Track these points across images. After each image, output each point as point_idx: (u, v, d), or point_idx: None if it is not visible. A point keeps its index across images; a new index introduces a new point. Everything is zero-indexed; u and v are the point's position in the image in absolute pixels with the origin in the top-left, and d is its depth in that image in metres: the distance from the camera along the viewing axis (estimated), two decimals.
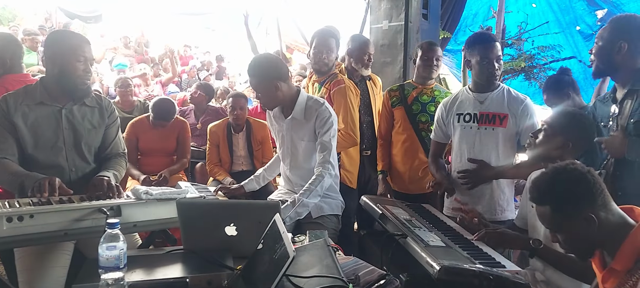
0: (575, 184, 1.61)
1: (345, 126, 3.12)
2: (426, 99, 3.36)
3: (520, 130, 2.70)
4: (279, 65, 2.66)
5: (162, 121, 4.17)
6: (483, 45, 2.72)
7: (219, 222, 1.77)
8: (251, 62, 2.65)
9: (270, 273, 1.24)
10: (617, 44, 2.35)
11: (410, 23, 4.55)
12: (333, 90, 3.16)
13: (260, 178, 3.01)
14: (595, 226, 1.56)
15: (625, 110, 2.36)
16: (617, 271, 1.54)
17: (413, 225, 2.42)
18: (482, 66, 2.71)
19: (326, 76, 3.30)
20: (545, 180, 1.68)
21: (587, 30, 4.97)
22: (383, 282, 1.36)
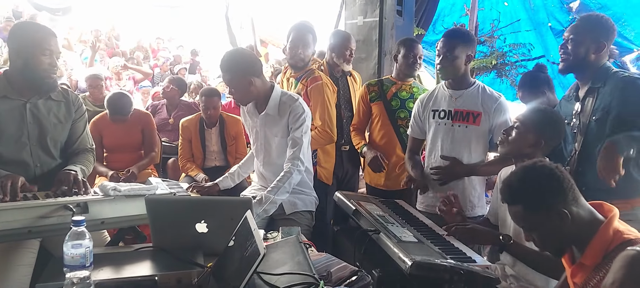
0: (546, 181, 1.63)
1: (322, 123, 3.10)
2: (405, 95, 3.37)
3: (493, 127, 2.72)
4: (252, 60, 2.63)
5: (119, 116, 4.07)
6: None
7: (190, 219, 1.74)
8: (224, 58, 2.61)
9: (240, 271, 1.22)
10: (585, 44, 2.41)
11: (384, 19, 4.57)
12: (310, 87, 3.13)
13: (235, 175, 2.98)
14: (569, 221, 1.59)
15: (586, 107, 2.43)
16: (586, 266, 1.57)
17: (386, 221, 2.43)
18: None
19: (303, 72, 3.27)
20: (516, 179, 1.70)
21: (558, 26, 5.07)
22: (355, 278, 1.36)
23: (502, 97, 2.76)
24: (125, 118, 4.10)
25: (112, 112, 4.07)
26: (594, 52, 2.41)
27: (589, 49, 2.41)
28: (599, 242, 1.56)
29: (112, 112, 4.07)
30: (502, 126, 2.65)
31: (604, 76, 2.40)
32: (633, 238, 1.53)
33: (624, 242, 1.51)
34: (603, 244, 1.55)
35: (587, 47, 2.41)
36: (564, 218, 1.59)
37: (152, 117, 4.44)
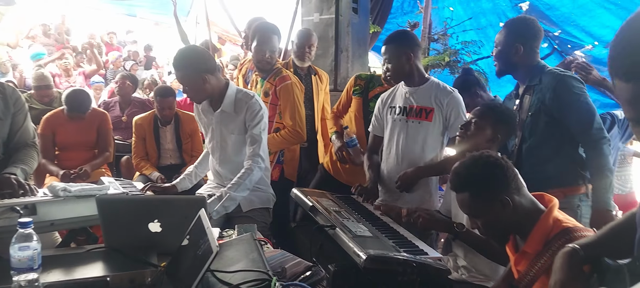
0: (491, 169, 1.72)
1: (293, 123, 3.11)
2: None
3: (447, 123, 2.78)
4: (206, 57, 2.61)
5: (77, 113, 3.97)
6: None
7: (142, 219, 1.71)
8: (177, 55, 2.58)
9: (194, 269, 1.22)
10: (514, 46, 2.57)
11: (340, 16, 4.61)
12: (279, 87, 3.14)
13: (192, 176, 2.93)
14: (510, 209, 1.67)
15: (524, 104, 2.57)
16: (528, 254, 1.65)
17: (342, 216, 2.46)
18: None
19: (270, 70, 3.28)
20: (463, 168, 1.78)
21: None
22: (309, 273, 1.38)
23: (455, 91, 2.82)
24: (83, 116, 3.99)
25: (71, 109, 3.96)
26: (522, 55, 2.56)
27: (517, 53, 2.56)
28: (539, 230, 1.64)
29: (71, 109, 3.96)
30: (455, 120, 2.72)
31: (539, 73, 2.54)
32: (571, 226, 1.63)
33: (562, 230, 1.61)
34: (543, 233, 1.64)
35: (515, 51, 2.56)
36: (506, 206, 1.67)
37: (108, 116, 4.35)
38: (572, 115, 2.43)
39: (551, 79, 2.48)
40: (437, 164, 2.79)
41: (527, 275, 1.65)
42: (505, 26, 2.74)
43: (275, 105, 3.23)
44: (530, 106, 2.54)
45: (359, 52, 4.92)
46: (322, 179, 3.48)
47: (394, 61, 2.78)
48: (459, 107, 2.77)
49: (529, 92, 2.57)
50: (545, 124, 2.49)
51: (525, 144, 2.57)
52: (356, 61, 4.84)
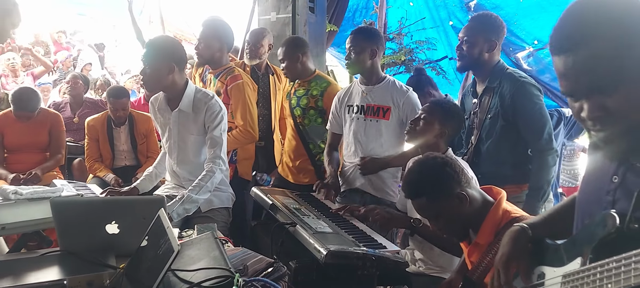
0: (441, 169, 1.78)
1: (244, 123, 3.07)
2: (301, 93, 3.34)
3: (404, 120, 2.84)
4: (182, 50, 2.58)
5: (25, 112, 3.82)
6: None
7: (99, 220, 1.68)
8: (156, 37, 2.56)
9: (154, 269, 1.21)
10: (483, 42, 2.58)
11: (297, 16, 4.63)
12: (230, 86, 3.09)
13: (152, 176, 2.86)
14: (467, 202, 1.73)
15: (483, 105, 2.62)
16: (480, 245, 1.72)
17: (302, 213, 2.48)
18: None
19: (222, 69, 3.22)
20: (414, 175, 1.84)
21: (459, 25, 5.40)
22: (271, 269, 1.39)
23: (410, 90, 2.90)
24: (32, 115, 3.85)
25: (17, 108, 3.80)
26: (487, 51, 2.59)
27: (482, 49, 2.58)
28: (490, 222, 1.72)
29: (17, 108, 3.81)
30: (412, 117, 2.80)
31: (499, 75, 2.58)
32: (519, 216, 1.72)
33: (511, 220, 1.69)
34: (494, 224, 1.71)
35: (480, 47, 2.58)
36: (463, 200, 1.74)
37: (61, 118, 4.20)
38: (525, 122, 2.50)
39: (511, 84, 2.52)
40: (393, 159, 2.86)
41: (480, 265, 1.72)
42: (473, 20, 2.75)
43: (227, 105, 3.20)
44: (489, 109, 2.58)
45: (316, 50, 4.95)
46: (278, 182, 3.50)
47: (357, 51, 2.83)
48: (415, 106, 2.84)
49: (488, 93, 2.60)
50: (502, 127, 2.55)
51: (483, 145, 2.63)
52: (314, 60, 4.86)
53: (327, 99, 3.19)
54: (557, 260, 1.06)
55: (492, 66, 2.60)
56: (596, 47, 0.92)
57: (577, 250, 1.02)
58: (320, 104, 3.23)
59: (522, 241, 1.19)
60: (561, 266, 1.06)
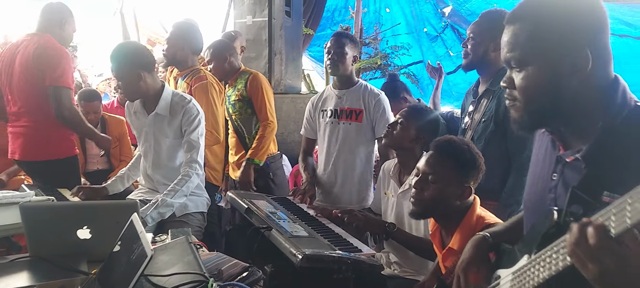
0: (479, 159, 1.83)
1: (206, 124, 3.04)
2: (229, 92, 3.40)
3: (374, 123, 2.89)
4: (145, 54, 2.54)
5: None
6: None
7: (70, 225, 1.64)
8: (116, 47, 2.50)
9: (127, 275, 1.19)
10: (487, 41, 2.42)
11: (273, 19, 4.63)
12: (194, 86, 3.06)
13: (124, 178, 2.83)
14: (462, 198, 1.78)
15: (481, 107, 2.50)
16: (454, 250, 1.75)
17: (278, 217, 2.48)
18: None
19: (188, 71, 3.20)
20: (463, 142, 1.86)
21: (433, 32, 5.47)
22: (245, 274, 1.39)
23: (382, 94, 2.94)
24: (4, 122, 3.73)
25: None
26: (493, 51, 2.42)
27: (488, 48, 2.43)
28: (464, 228, 1.75)
29: None
30: (381, 120, 2.83)
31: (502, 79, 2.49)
32: (493, 222, 1.75)
33: (485, 226, 1.72)
34: (468, 229, 1.74)
35: (487, 45, 2.43)
36: (463, 194, 1.78)
37: None
38: (511, 135, 2.34)
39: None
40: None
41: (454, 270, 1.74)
42: (479, 18, 2.56)
43: None
44: (485, 112, 2.46)
45: (293, 54, 4.96)
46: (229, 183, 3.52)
47: (343, 54, 2.84)
48: (384, 109, 2.89)
49: (487, 96, 2.48)
50: (492, 133, 2.42)
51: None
52: (290, 64, 4.88)
53: (250, 87, 3.24)
54: (511, 261, 1.11)
55: (497, 68, 2.45)
56: (522, 26, 1.07)
57: (526, 249, 1.08)
58: (245, 94, 3.27)
59: (482, 248, 1.24)
60: (513, 266, 1.10)
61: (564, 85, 1.02)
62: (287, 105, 4.69)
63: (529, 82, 1.05)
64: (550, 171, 1.11)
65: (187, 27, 3.23)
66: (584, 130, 1.03)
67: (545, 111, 1.05)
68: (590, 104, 1.02)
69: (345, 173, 2.92)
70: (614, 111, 1.00)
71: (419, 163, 1.91)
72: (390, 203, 2.47)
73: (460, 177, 1.79)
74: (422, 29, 5.50)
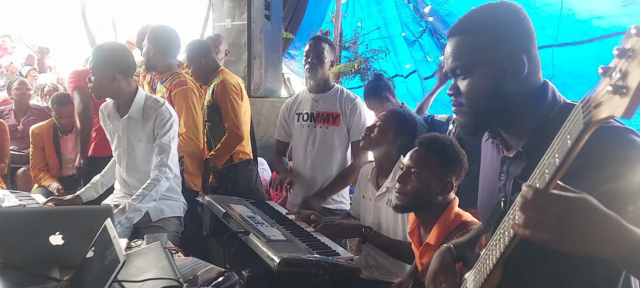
0: (461, 153, 1.87)
1: (187, 130, 2.96)
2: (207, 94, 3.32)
3: (349, 126, 2.89)
4: (128, 59, 2.51)
5: None
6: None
7: (43, 231, 1.61)
8: (101, 44, 2.50)
9: (100, 281, 1.17)
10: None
11: (253, 23, 4.62)
12: (174, 92, 3.00)
13: (98, 185, 2.76)
14: (445, 193, 1.82)
15: None
16: (431, 246, 1.77)
17: (256, 221, 2.47)
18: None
19: (167, 74, 3.15)
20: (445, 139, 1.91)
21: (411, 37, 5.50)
22: (221, 279, 1.38)
23: (358, 98, 2.95)
24: None
25: None
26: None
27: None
28: (442, 224, 1.78)
29: None
30: (357, 124, 2.85)
31: None
32: (469, 220, 1.78)
33: (461, 224, 1.76)
34: (446, 226, 1.77)
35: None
36: (445, 188, 1.83)
37: (5, 126, 4.00)
38: None
39: None
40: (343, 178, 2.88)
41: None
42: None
43: None
44: None
45: (273, 58, 4.96)
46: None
47: (322, 58, 2.85)
48: (360, 113, 2.90)
49: None
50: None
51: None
52: (269, 68, 4.87)
53: (217, 94, 3.13)
54: (474, 262, 1.18)
55: None
56: (466, 38, 1.15)
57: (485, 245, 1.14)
58: (211, 99, 3.17)
59: (447, 258, 1.30)
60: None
61: (504, 88, 1.11)
62: (267, 109, 4.68)
63: (473, 87, 1.14)
64: (497, 173, 1.20)
65: (160, 31, 3.17)
66: (523, 130, 1.13)
67: (489, 113, 1.14)
68: (527, 105, 1.12)
69: (323, 178, 2.92)
70: (546, 109, 1.10)
71: (404, 159, 1.93)
72: (369, 206, 2.48)
73: (443, 171, 1.83)
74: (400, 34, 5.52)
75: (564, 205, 0.81)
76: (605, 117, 0.72)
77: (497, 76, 1.11)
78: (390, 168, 2.39)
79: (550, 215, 0.82)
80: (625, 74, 0.69)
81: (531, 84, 1.12)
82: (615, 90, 0.70)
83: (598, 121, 0.73)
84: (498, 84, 1.11)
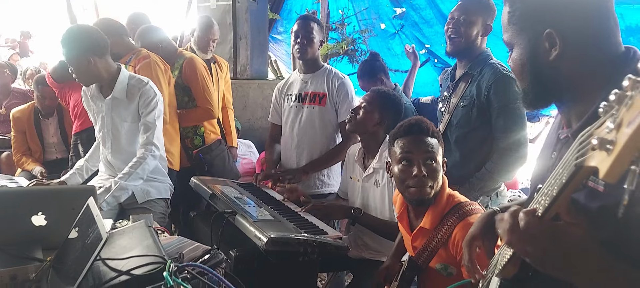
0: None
1: None
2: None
3: (337, 106, 2.87)
4: (95, 38, 2.43)
5: None
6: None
7: (24, 212, 1.58)
8: (65, 32, 2.40)
9: (82, 259, 1.15)
10: (479, 24, 2.37)
11: (238, 3, 4.55)
12: (138, 66, 2.92)
13: (83, 170, 2.72)
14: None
15: (458, 91, 2.47)
16: (426, 230, 1.76)
17: (243, 202, 2.45)
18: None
19: (129, 55, 3.03)
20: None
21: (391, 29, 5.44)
22: (207, 256, 1.36)
23: (346, 78, 2.92)
24: None
25: None
26: (482, 35, 2.41)
27: (479, 31, 2.39)
28: (437, 207, 1.76)
29: None
30: (344, 104, 2.82)
31: (482, 64, 2.39)
32: (463, 201, 1.77)
33: (456, 205, 1.75)
34: (440, 209, 1.76)
35: (478, 28, 2.38)
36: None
37: None
38: (500, 115, 2.32)
39: (491, 75, 2.33)
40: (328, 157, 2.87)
41: (426, 249, 1.76)
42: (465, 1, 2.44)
43: None
44: (463, 97, 2.42)
45: (259, 39, 4.89)
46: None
47: (308, 39, 2.81)
48: (347, 92, 2.87)
49: (465, 80, 2.44)
50: (475, 119, 2.40)
51: (452, 134, 2.49)
52: (256, 48, 4.81)
53: (186, 73, 3.12)
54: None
55: (477, 53, 2.42)
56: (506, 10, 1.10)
57: None
58: (180, 81, 3.16)
59: (489, 223, 1.22)
60: None
61: (540, 63, 1.03)
62: (254, 91, 4.63)
63: (512, 62, 1.10)
64: (550, 151, 1.12)
65: (102, 24, 3.02)
66: (583, 107, 1.00)
67: (534, 89, 1.07)
68: (585, 82, 1.01)
69: (309, 158, 2.90)
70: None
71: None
72: (356, 187, 2.47)
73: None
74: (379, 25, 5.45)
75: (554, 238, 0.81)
76: (594, 166, 0.64)
77: (531, 51, 1.05)
78: (377, 148, 2.38)
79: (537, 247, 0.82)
80: (619, 124, 0.60)
81: (589, 57, 1.00)
82: (601, 145, 0.61)
83: (589, 169, 0.66)
84: (532, 60, 1.05)
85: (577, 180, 0.72)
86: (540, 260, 0.83)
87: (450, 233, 1.70)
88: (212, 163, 3.25)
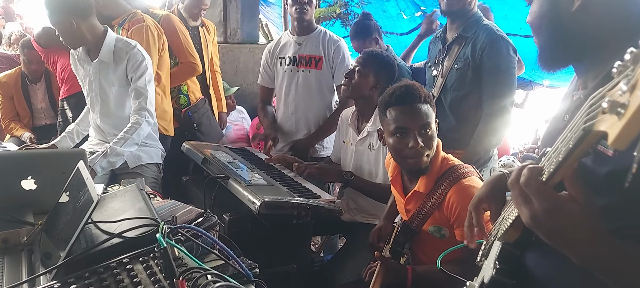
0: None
1: None
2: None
3: (333, 70, 2.84)
4: (77, 0, 2.38)
5: None
6: None
7: (13, 176, 1.55)
8: None
9: (74, 222, 1.13)
10: None
11: None
12: (130, 30, 2.85)
13: (73, 134, 2.69)
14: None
15: (452, 54, 2.47)
16: (420, 193, 1.75)
17: (236, 166, 2.44)
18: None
19: (124, 16, 2.94)
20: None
21: None
22: (201, 219, 1.35)
23: (341, 40, 2.88)
24: None
25: None
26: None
27: None
28: (431, 172, 1.74)
29: None
30: (341, 67, 2.78)
31: (475, 26, 2.41)
32: (457, 164, 1.76)
33: (450, 168, 1.73)
34: (434, 173, 1.74)
35: None
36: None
37: None
38: (489, 79, 2.35)
39: (486, 36, 2.36)
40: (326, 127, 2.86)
41: (420, 212, 1.76)
42: None
43: None
44: (457, 59, 2.44)
45: (249, 2, 4.79)
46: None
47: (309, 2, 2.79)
48: (344, 55, 2.84)
49: (459, 42, 2.45)
50: (470, 81, 2.41)
51: (446, 97, 2.50)
52: (246, 12, 4.71)
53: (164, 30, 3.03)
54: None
55: (470, 15, 2.44)
56: None
57: None
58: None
59: (497, 185, 1.18)
60: None
61: (564, 12, 0.95)
62: (245, 55, 4.56)
63: (531, 15, 1.02)
64: (563, 112, 1.06)
65: None
66: (604, 67, 0.90)
67: (551, 46, 1.01)
68: (606, 37, 0.92)
69: (305, 122, 2.88)
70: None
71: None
72: (349, 151, 2.45)
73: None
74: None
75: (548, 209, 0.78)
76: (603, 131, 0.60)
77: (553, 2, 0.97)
78: (371, 112, 2.35)
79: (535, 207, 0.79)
80: (633, 86, 0.55)
81: (615, 9, 0.92)
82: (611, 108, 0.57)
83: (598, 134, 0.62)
84: (553, 10, 0.97)
85: (585, 146, 0.68)
86: (532, 224, 0.81)
87: (444, 196, 1.69)
88: (200, 121, 3.24)
